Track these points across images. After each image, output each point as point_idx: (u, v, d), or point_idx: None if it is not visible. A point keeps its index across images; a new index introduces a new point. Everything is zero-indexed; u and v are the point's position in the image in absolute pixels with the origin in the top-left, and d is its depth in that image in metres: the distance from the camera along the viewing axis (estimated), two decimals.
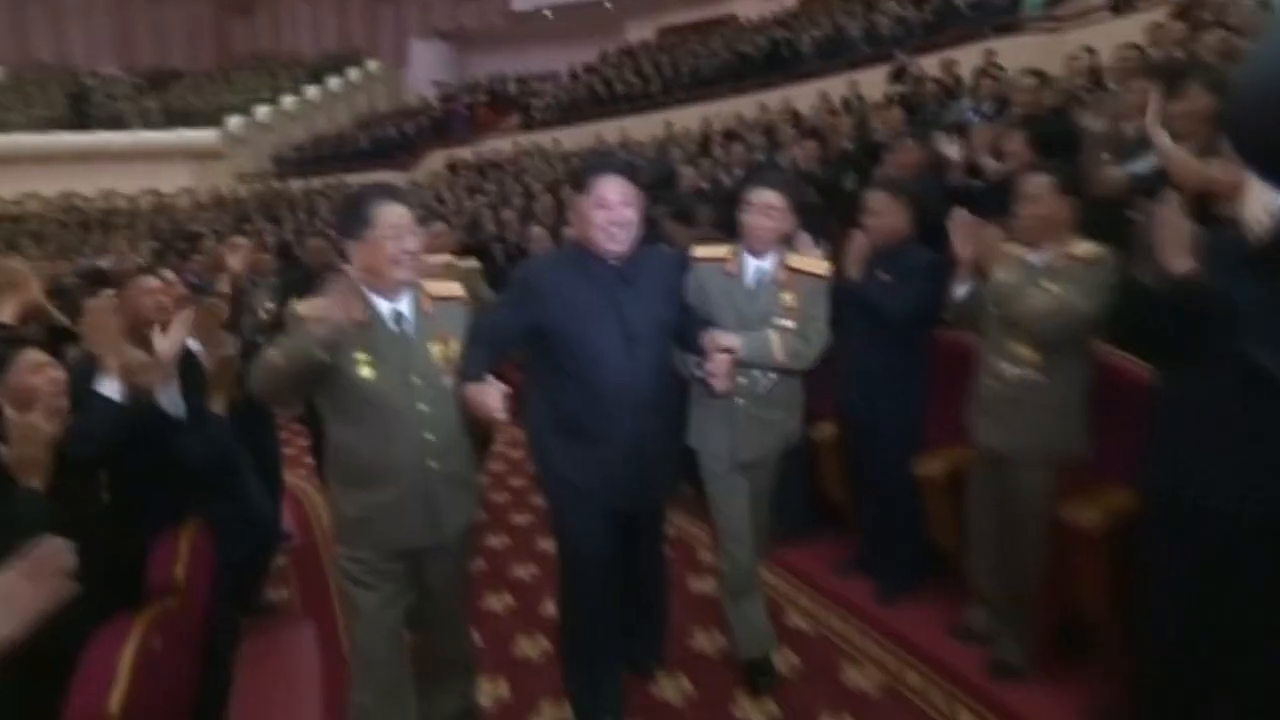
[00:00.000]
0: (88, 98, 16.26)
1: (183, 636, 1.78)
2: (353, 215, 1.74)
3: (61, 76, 17.14)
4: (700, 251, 2.21)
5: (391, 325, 1.77)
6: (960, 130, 3.83)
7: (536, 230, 4.42)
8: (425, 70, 19.60)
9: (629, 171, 1.90)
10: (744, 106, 11.06)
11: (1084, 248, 2.00)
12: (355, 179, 14.77)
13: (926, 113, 5.44)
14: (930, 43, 10.53)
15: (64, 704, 1.37)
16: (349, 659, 1.95)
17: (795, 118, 8.64)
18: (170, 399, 2.08)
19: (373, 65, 19.41)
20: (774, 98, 10.89)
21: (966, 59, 8.46)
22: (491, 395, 1.71)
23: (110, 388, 2.00)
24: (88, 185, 15.06)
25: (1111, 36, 6.94)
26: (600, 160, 2.12)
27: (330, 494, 1.91)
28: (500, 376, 1.78)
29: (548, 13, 18.80)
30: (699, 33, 16.76)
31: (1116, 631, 2.03)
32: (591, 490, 1.94)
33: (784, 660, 2.38)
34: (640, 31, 18.23)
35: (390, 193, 1.80)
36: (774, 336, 2.06)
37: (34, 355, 1.94)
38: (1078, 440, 2.06)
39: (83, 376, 2.02)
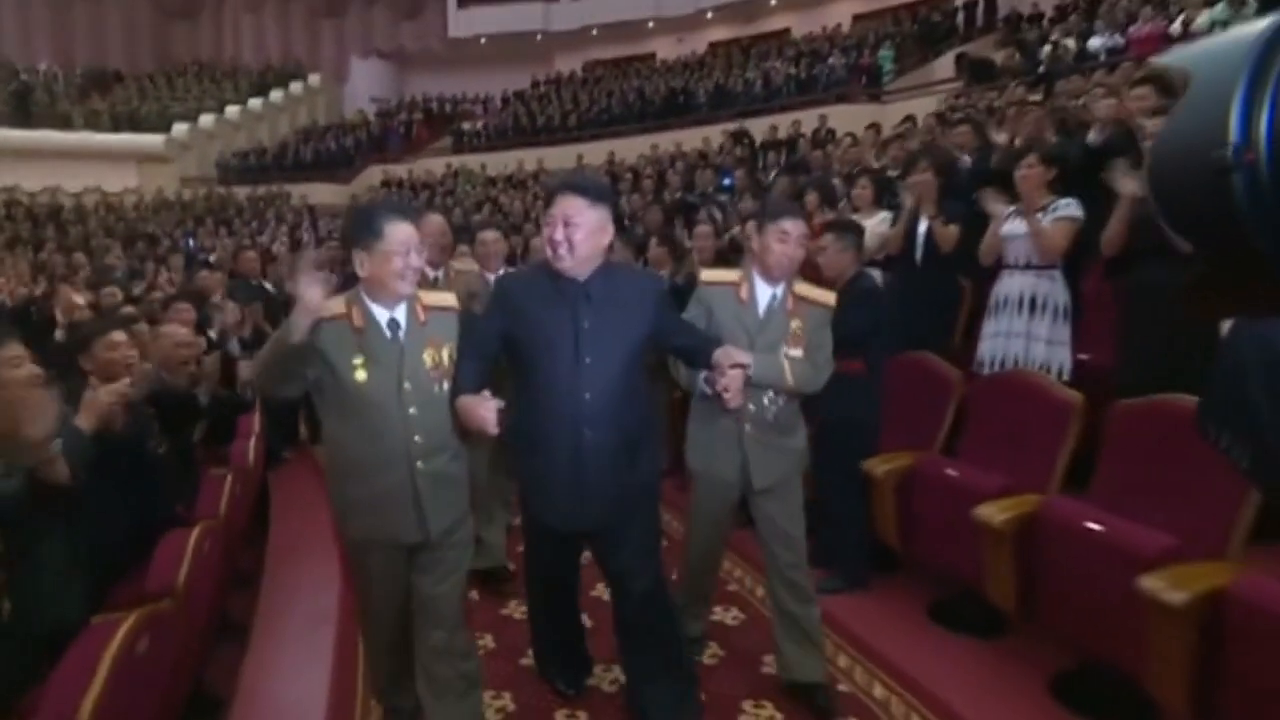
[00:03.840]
0: (29, 95, 16.96)
1: (174, 638, 1.82)
2: (364, 227, 1.82)
3: None
4: (708, 275, 2.31)
5: (386, 332, 1.85)
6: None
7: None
8: (365, 86, 20.60)
9: (584, 190, 1.89)
10: (642, 146, 13.03)
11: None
12: (296, 189, 16.02)
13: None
14: (794, 103, 12.79)
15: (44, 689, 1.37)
16: (359, 616, 2.17)
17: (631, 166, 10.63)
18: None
19: (314, 79, 20.46)
20: (668, 139, 12.92)
21: (808, 121, 10.69)
22: (484, 408, 1.75)
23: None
24: (30, 181, 15.78)
25: (925, 108, 9.04)
26: (559, 178, 2.14)
27: (327, 482, 2.03)
28: (495, 389, 1.81)
29: (483, 40, 20.46)
30: (620, 68, 18.79)
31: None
32: (534, 501, 2.03)
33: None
34: (568, 63, 19.91)
35: (400, 210, 1.88)
36: (785, 362, 2.11)
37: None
38: None
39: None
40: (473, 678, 2.02)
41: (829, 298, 2.24)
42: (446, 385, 1.89)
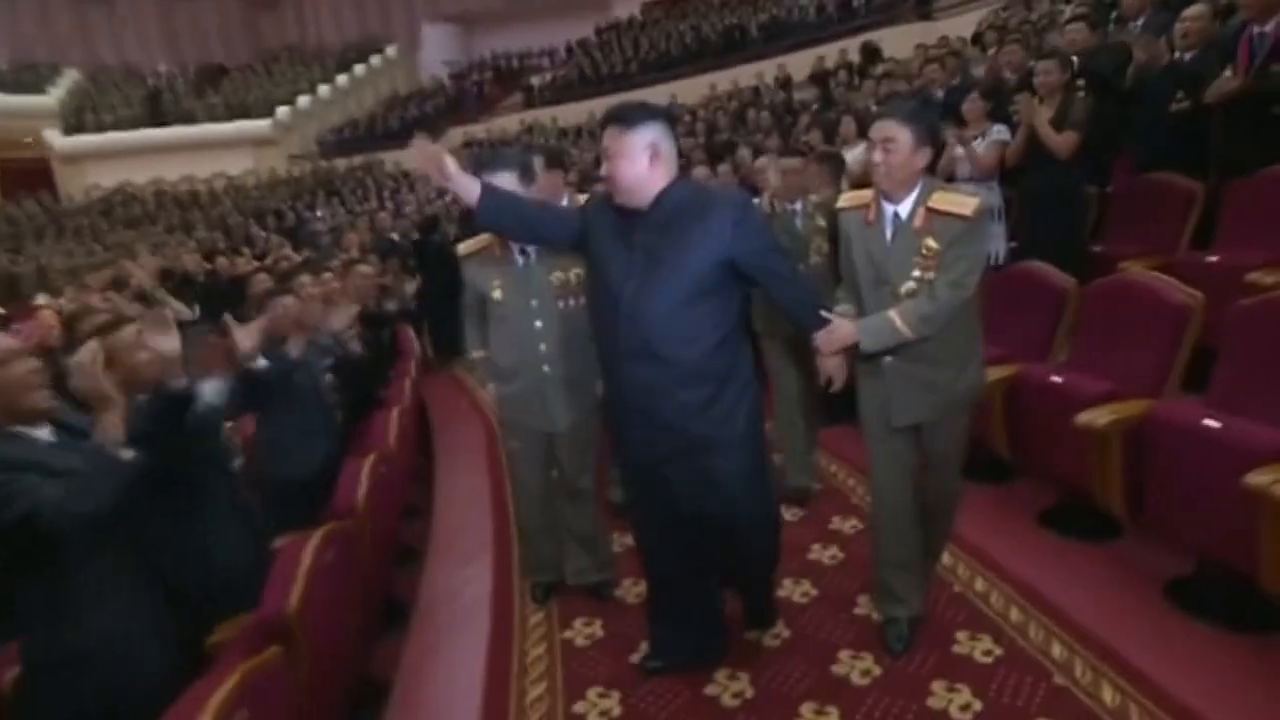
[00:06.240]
0: (159, 97, 19.28)
1: (358, 548, 2.11)
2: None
3: (130, 79, 20.10)
4: (844, 200, 2.12)
5: (519, 259, 2.31)
6: None
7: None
8: (437, 51, 21.71)
9: (618, 118, 1.80)
10: (702, 86, 13.40)
11: None
12: (389, 156, 17.56)
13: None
14: (844, 30, 13.00)
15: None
16: (511, 495, 2.81)
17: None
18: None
19: (391, 50, 21.82)
20: (725, 78, 13.40)
21: (852, 47, 11.04)
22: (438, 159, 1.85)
23: None
24: (168, 172, 18.07)
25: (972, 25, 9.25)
26: (609, 110, 1.92)
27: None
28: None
29: None
30: (678, 6, 19.05)
31: None
32: (613, 428, 2.10)
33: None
34: (627, 7, 20.16)
35: (503, 162, 2.23)
36: (895, 315, 1.89)
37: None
38: None
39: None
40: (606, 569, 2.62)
41: (965, 207, 1.88)
42: (573, 302, 2.29)
